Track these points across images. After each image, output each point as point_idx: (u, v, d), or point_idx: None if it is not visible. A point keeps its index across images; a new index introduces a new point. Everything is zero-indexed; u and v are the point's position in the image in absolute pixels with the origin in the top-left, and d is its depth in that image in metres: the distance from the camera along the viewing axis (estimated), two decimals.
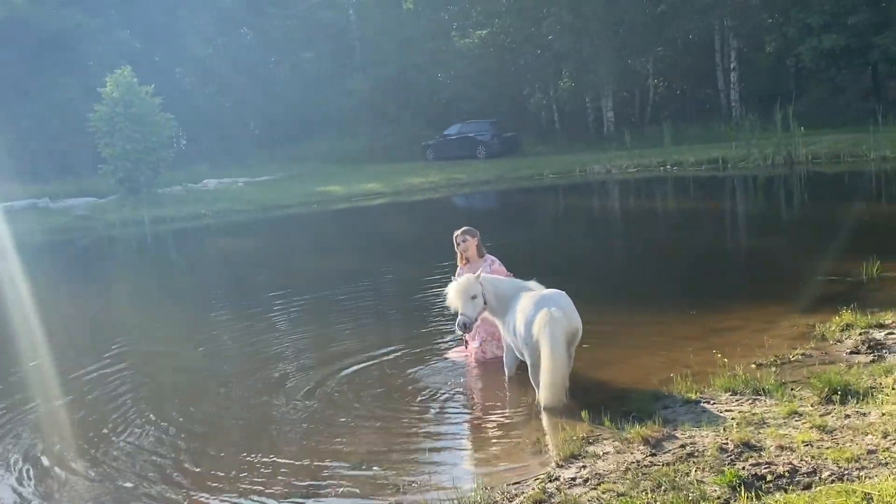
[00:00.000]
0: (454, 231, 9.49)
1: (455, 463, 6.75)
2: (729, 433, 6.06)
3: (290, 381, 9.25)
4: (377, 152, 47.81)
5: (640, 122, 46.50)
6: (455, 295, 8.14)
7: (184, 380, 9.93)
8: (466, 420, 7.77)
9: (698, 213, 22.04)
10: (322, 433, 7.55)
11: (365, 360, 9.73)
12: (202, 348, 11.35)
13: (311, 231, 26.02)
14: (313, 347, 10.77)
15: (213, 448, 7.45)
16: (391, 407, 8.11)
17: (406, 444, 7.16)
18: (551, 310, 7.36)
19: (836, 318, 9.19)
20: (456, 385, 8.68)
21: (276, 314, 13.04)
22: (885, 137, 29.21)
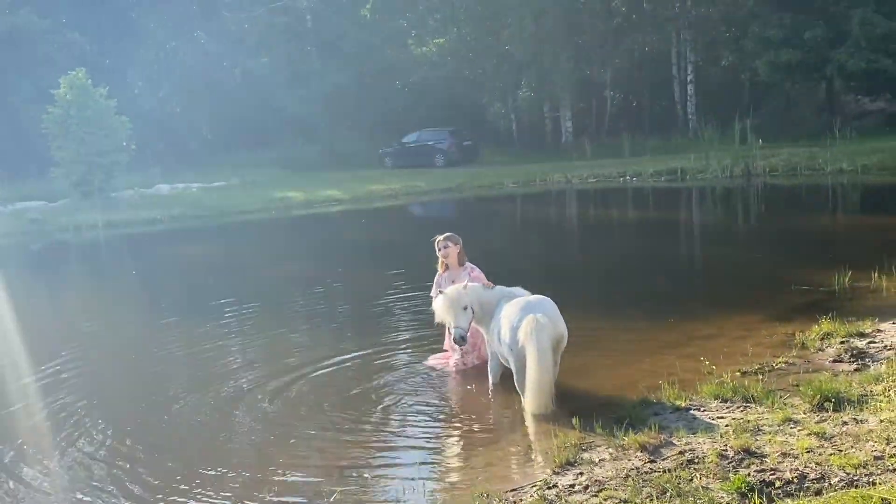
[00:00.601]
0: (436, 236, 9.31)
1: (444, 472, 6.63)
2: (727, 440, 6.01)
3: (252, 389, 9.00)
4: (334, 159, 47.43)
5: (597, 132, 46.78)
6: (446, 308, 8.06)
7: (138, 388, 9.63)
8: (453, 428, 7.62)
9: (664, 223, 22.16)
10: (284, 442, 7.37)
11: (332, 366, 9.61)
12: (156, 356, 10.99)
13: (272, 237, 25.69)
14: (274, 354, 10.52)
15: (169, 458, 7.20)
16: (368, 416, 7.93)
17: (392, 454, 7.02)
18: (537, 316, 7.29)
19: (815, 326, 9.24)
20: (438, 393, 8.56)
21: (233, 321, 12.76)
22: (841, 151, 29.67)
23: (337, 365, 9.63)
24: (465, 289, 8.11)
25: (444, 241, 9.18)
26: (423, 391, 8.55)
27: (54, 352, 11.22)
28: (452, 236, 9.26)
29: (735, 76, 47.27)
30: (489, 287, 8.54)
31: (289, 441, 7.38)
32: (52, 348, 11.48)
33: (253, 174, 41.84)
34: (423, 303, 10.71)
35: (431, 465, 6.70)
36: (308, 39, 55.26)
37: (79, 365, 10.69)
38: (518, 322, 7.41)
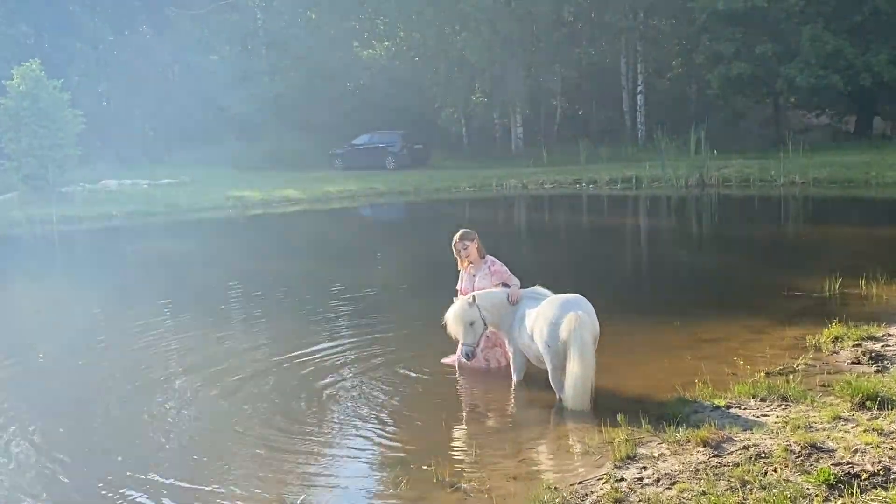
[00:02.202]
0: (452, 237, 9.29)
1: (501, 466, 6.66)
2: (788, 436, 6.17)
3: (245, 387, 8.95)
4: (280, 159, 47.00)
5: (546, 140, 47.21)
6: (453, 324, 8.28)
7: (77, 389, 9.37)
8: (493, 425, 7.68)
9: (636, 230, 22.52)
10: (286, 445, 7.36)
11: (372, 367, 9.55)
12: (105, 355, 10.83)
13: (235, 235, 25.43)
14: (246, 350, 10.54)
15: (103, 461, 7.10)
16: (412, 414, 7.97)
17: (448, 444, 7.06)
18: (579, 313, 7.40)
19: (825, 330, 9.49)
20: (466, 392, 8.61)
21: (202, 316, 12.72)
22: (792, 164, 30.43)
23: (325, 359, 9.65)
24: (473, 302, 8.21)
25: (461, 242, 9.11)
26: (448, 392, 8.60)
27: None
28: (467, 233, 9.22)
29: (681, 88, 48.20)
30: (509, 284, 8.64)
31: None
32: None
33: (201, 172, 41.25)
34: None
35: (482, 462, 6.70)
36: (257, 38, 54.72)
37: (20, 361, 10.60)
38: (559, 319, 7.51)
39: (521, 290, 8.52)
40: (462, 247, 9.12)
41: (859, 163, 30.59)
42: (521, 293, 8.37)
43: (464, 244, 9.13)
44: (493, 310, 8.26)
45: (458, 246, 9.13)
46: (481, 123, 48.95)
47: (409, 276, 16.21)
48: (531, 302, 8.09)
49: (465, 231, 9.25)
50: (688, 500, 5.38)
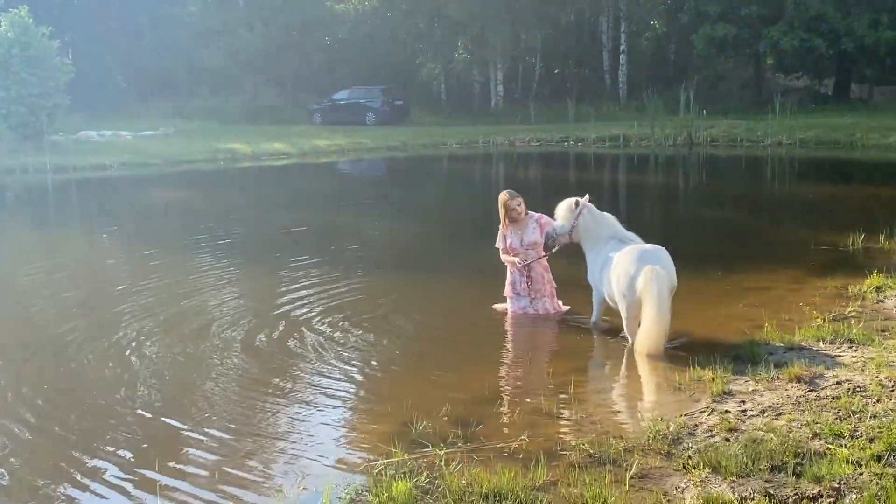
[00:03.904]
0: (501, 196, 9.41)
1: (598, 401, 6.98)
2: (877, 372, 6.55)
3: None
4: (258, 113, 46.73)
5: (525, 99, 47.41)
6: (561, 207, 8.82)
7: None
8: (579, 366, 7.94)
9: (643, 186, 22.75)
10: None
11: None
12: (120, 299, 10.91)
13: (232, 187, 25.52)
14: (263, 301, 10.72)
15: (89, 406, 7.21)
16: (492, 353, 8.28)
17: (540, 381, 7.35)
18: (655, 267, 7.66)
19: (866, 280, 9.89)
20: (530, 336, 8.94)
21: (213, 263, 13.01)
22: (779, 125, 30.97)
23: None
24: (580, 204, 8.62)
25: (515, 201, 9.22)
26: (510, 338, 8.95)
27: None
28: (514, 192, 9.42)
29: (660, 49, 48.55)
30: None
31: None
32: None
33: (179, 125, 40.96)
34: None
35: (579, 398, 7.01)
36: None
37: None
38: (636, 273, 7.77)
39: (614, 223, 8.75)
40: (516, 204, 9.28)
41: (843, 125, 31.24)
42: (613, 229, 8.60)
43: (518, 202, 9.30)
44: (585, 228, 8.61)
45: (511, 204, 9.25)
46: (460, 80, 48.98)
47: (432, 228, 16.45)
48: (619, 245, 8.32)
49: (510, 191, 9.44)
50: (799, 429, 5.72)
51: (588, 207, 8.72)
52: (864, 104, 39.02)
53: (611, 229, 8.63)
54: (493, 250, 9.63)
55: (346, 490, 5.21)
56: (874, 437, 5.41)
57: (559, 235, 8.83)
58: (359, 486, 5.27)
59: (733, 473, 5.14)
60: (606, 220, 8.75)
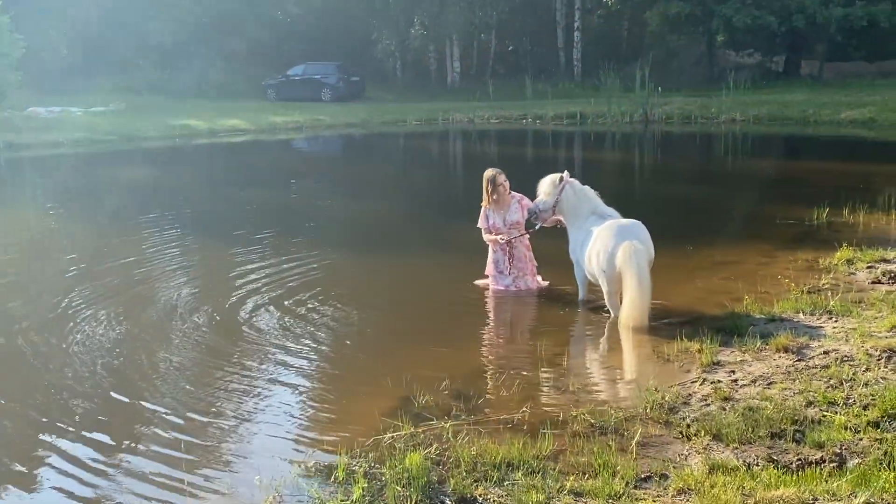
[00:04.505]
0: (486, 173, 9.47)
1: (591, 372, 7.14)
2: (861, 342, 6.77)
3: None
4: (208, 88, 46.15)
5: (481, 75, 47.47)
6: (545, 182, 8.95)
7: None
8: (568, 339, 8.13)
9: (603, 163, 22.95)
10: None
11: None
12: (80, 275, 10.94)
13: (188, 164, 25.32)
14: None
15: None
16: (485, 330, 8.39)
17: (529, 355, 7.48)
18: (633, 242, 7.82)
19: (836, 253, 10.16)
20: (507, 312, 9.07)
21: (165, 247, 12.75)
22: (733, 101, 31.43)
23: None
24: (564, 179, 8.73)
25: (502, 177, 9.39)
26: (491, 311, 9.06)
27: None
28: (499, 171, 9.54)
29: (612, 27, 48.85)
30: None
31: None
32: None
33: (129, 101, 40.31)
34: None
35: (572, 369, 7.16)
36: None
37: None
38: (615, 248, 7.92)
39: (594, 198, 8.86)
40: (503, 181, 9.41)
41: (795, 101, 31.82)
42: (593, 205, 8.73)
43: (505, 179, 9.43)
44: (567, 203, 8.73)
45: (499, 180, 9.36)
46: (416, 57, 48.85)
47: (399, 206, 16.51)
48: (598, 221, 8.46)
49: (495, 168, 9.54)
50: (792, 397, 5.92)
51: (570, 183, 8.85)
52: (814, 81, 39.68)
53: (591, 204, 8.76)
54: (464, 227, 9.75)
55: (358, 463, 5.27)
56: (868, 405, 5.61)
57: (542, 212, 8.96)
58: (371, 459, 5.34)
59: (735, 440, 5.32)
60: (587, 194, 8.87)
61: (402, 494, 4.85)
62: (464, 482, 4.98)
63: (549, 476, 5.01)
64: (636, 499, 4.69)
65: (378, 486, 4.99)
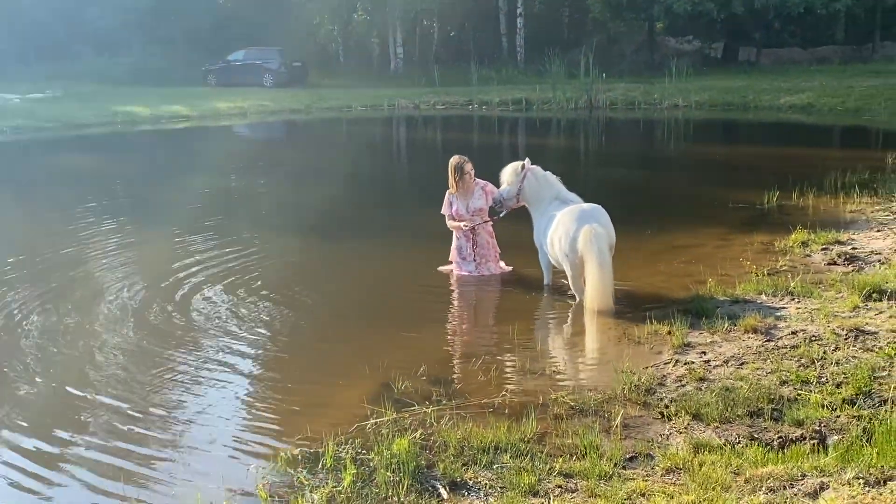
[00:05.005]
0: (452, 160, 9.47)
1: (565, 355, 7.23)
2: (827, 322, 6.94)
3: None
4: (147, 74, 45.35)
5: (425, 61, 47.38)
6: (507, 170, 9.01)
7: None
8: (535, 325, 8.19)
9: (555, 149, 22.95)
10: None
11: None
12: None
13: (131, 151, 24.91)
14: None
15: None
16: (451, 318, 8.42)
17: (504, 342, 7.52)
18: (594, 226, 7.93)
19: (791, 236, 10.38)
20: (474, 298, 9.12)
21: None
22: (675, 87, 31.84)
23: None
24: (525, 167, 8.79)
25: (468, 165, 9.43)
26: (469, 298, 9.11)
27: None
28: (464, 157, 9.58)
29: (556, 12, 49.07)
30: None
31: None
32: None
33: (68, 87, 39.54)
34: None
35: (545, 353, 7.25)
36: None
37: None
38: (576, 233, 8.01)
39: (556, 184, 8.92)
40: (470, 168, 9.45)
41: (735, 87, 32.35)
42: (555, 190, 8.79)
43: (470, 166, 9.46)
44: (530, 190, 8.80)
45: (466, 168, 9.40)
46: (358, 42, 48.57)
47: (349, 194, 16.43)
48: (560, 206, 8.54)
49: (461, 156, 9.57)
50: (765, 377, 6.05)
51: (532, 170, 8.92)
52: (751, 67, 40.35)
53: (553, 190, 8.85)
54: (420, 213, 9.76)
55: (344, 449, 5.27)
56: (841, 383, 5.77)
57: (506, 200, 9.01)
58: (357, 445, 5.34)
59: (715, 420, 5.43)
60: (549, 180, 8.94)
61: (393, 479, 4.86)
62: (453, 466, 5.02)
63: (537, 458, 5.07)
64: (625, 479, 4.76)
65: (367, 472, 4.99)
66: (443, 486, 4.84)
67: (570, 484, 4.78)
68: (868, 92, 28.68)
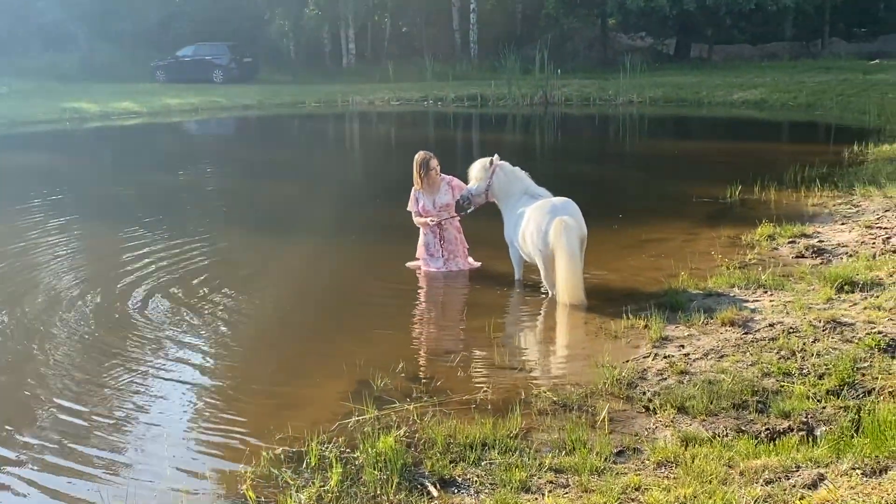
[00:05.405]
0: (417, 156, 9.38)
1: (541, 350, 7.18)
2: (802, 314, 6.96)
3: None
4: (95, 70, 44.59)
5: (377, 57, 47.18)
6: (475, 167, 8.94)
7: None
8: (511, 320, 8.13)
9: (513, 145, 22.87)
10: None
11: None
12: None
13: (81, 148, 24.43)
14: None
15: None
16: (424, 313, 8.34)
17: (487, 338, 7.44)
18: (565, 218, 7.91)
19: (757, 230, 10.44)
20: (444, 294, 9.06)
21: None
22: (629, 83, 32.04)
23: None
24: (494, 162, 8.75)
25: (434, 161, 9.34)
26: (441, 294, 9.04)
27: None
28: (430, 153, 9.48)
29: (508, 8, 49.09)
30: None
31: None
32: None
33: (14, 83, 38.64)
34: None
35: (521, 347, 7.19)
36: None
37: None
38: (547, 225, 7.98)
39: (526, 182, 8.87)
40: (435, 164, 9.35)
41: (688, 83, 32.67)
42: (525, 185, 8.75)
43: (437, 162, 9.38)
44: (500, 186, 8.76)
45: (432, 164, 9.30)
46: (309, 38, 48.18)
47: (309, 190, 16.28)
48: (530, 201, 8.50)
49: (426, 151, 9.48)
50: (746, 369, 6.05)
51: (500, 166, 8.87)
52: (703, 63, 40.79)
53: (522, 185, 8.82)
54: (383, 209, 9.66)
55: (328, 448, 5.15)
56: (823, 374, 5.78)
57: (475, 196, 8.93)
58: (341, 443, 5.23)
59: (701, 413, 5.41)
60: (518, 175, 8.91)
61: (380, 478, 4.76)
62: (440, 463, 4.93)
63: (526, 454, 5.00)
64: (618, 473, 4.71)
65: (354, 471, 4.88)
66: (432, 484, 4.76)
67: (561, 479, 4.72)
68: (819, 87, 29.11)
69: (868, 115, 22.59)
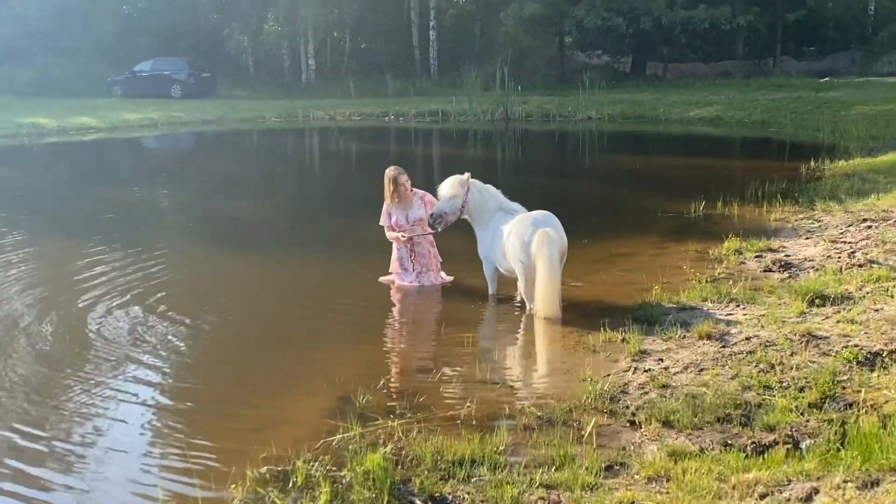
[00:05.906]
0: (387, 171, 9.39)
1: (523, 365, 7.18)
2: (777, 328, 7.04)
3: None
4: (50, 86, 44.00)
5: (336, 73, 47.14)
6: (446, 185, 8.88)
7: None
8: (488, 334, 8.14)
9: (475, 160, 22.93)
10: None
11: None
12: None
13: (39, 163, 24.07)
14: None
15: None
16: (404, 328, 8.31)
17: (467, 354, 7.42)
18: (547, 230, 7.97)
19: (724, 244, 10.56)
20: (419, 309, 9.04)
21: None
22: (588, 100, 32.34)
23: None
24: (465, 180, 8.74)
25: (405, 177, 9.33)
26: (416, 308, 9.00)
27: None
28: (400, 168, 9.49)
29: (467, 26, 49.39)
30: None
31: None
32: None
33: None
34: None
35: (503, 362, 7.19)
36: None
37: None
38: (530, 237, 8.03)
39: (500, 199, 8.89)
40: (405, 180, 9.35)
41: (645, 100, 33.07)
42: (499, 201, 8.78)
43: (406, 178, 9.38)
44: (475, 204, 8.74)
45: (401, 180, 9.28)
46: (269, 53, 48.03)
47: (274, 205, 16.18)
48: (506, 217, 8.55)
49: (396, 167, 9.47)
50: (727, 383, 6.10)
51: (473, 183, 8.89)
52: (659, 80, 41.32)
53: (496, 201, 8.86)
54: (352, 224, 9.65)
55: (314, 467, 5.10)
56: (804, 387, 5.84)
57: (448, 214, 8.90)
58: (327, 462, 5.17)
59: (686, 426, 5.44)
60: (491, 192, 8.95)
61: (370, 496, 4.72)
62: (429, 480, 4.90)
63: (515, 470, 4.99)
64: (609, 489, 4.72)
65: (342, 489, 4.84)
66: (423, 502, 4.73)
67: (552, 495, 4.71)
68: (773, 105, 29.61)
69: (822, 132, 23.01)
